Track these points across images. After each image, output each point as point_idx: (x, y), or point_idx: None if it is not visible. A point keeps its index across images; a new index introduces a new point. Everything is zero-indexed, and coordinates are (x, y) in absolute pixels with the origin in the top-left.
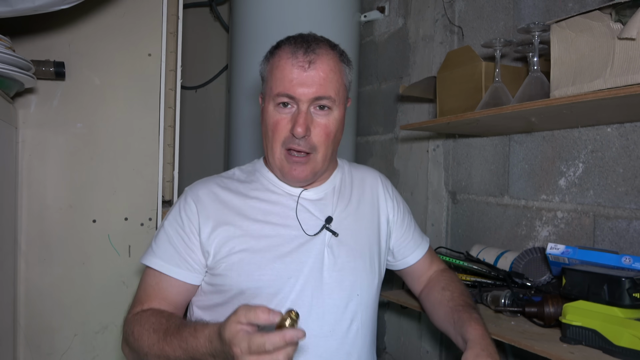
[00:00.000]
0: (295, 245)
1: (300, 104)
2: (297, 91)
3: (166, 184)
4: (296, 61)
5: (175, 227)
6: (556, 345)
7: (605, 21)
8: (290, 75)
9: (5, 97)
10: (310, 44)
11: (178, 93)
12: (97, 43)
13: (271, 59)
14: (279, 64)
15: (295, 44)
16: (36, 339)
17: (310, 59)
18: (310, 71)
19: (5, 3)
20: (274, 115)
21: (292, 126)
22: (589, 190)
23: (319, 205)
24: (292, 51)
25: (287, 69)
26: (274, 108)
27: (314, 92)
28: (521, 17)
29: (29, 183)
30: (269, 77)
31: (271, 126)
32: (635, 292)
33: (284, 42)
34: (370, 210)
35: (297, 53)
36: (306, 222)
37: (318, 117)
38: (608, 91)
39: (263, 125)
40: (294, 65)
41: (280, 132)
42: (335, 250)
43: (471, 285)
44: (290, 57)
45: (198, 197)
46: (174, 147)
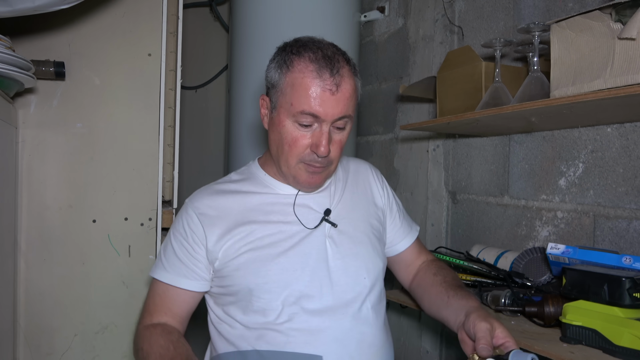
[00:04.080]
0: (297, 239)
1: (323, 123)
2: (324, 113)
3: (166, 184)
4: (323, 83)
5: (179, 240)
6: (556, 345)
7: (605, 21)
8: (318, 97)
9: (5, 97)
10: (334, 64)
11: (178, 93)
12: (97, 43)
13: (290, 73)
14: (303, 82)
15: (318, 61)
16: (36, 339)
17: (337, 82)
18: (337, 94)
19: (5, 3)
20: (292, 131)
21: (314, 145)
22: (589, 190)
23: (317, 199)
24: (317, 70)
25: (313, 89)
26: (293, 123)
27: (339, 113)
28: (521, 17)
29: (29, 183)
30: (288, 91)
31: (288, 141)
32: (636, 292)
33: (302, 55)
34: (364, 198)
35: (323, 74)
36: (305, 216)
37: (335, 134)
38: (608, 91)
39: (275, 135)
40: (321, 88)
41: (299, 149)
42: (336, 240)
43: (471, 285)
44: (316, 77)
45: (199, 208)
46: (174, 147)
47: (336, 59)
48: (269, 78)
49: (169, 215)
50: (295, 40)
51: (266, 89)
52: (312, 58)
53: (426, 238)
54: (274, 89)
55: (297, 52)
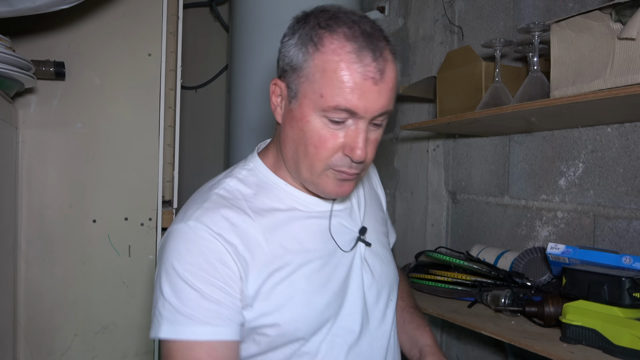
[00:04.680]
0: (338, 268)
1: (360, 120)
2: (363, 108)
3: (166, 184)
4: (364, 69)
5: (204, 277)
6: (556, 345)
7: (605, 21)
8: (357, 87)
9: (5, 97)
10: (377, 44)
11: (178, 93)
12: (97, 43)
13: (320, 54)
14: (339, 66)
15: (356, 39)
16: (36, 339)
17: (381, 68)
18: (380, 84)
19: (6, 3)
20: (320, 129)
21: (347, 147)
22: (589, 190)
23: (350, 215)
24: (355, 51)
25: (352, 77)
26: (321, 119)
27: (381, 109)
28: (521, 17)
29: (29, 183)
30: (318, 78)
31: (314, 142)
32: (636, 292)
33: (335, 31)
34: (377, 204)
35: (364, 56)
36: (340, 237)
37: (371, 132)
38: (608, 91)
39: (295, 132)
40: (362, 75)
41: (328, 152)
42: (370, 263)
43: (471, 285)
44: (355, 60)
45: (218, 232)
46: (174, 147)
47: (377, 36)
48: (286, 58)
49: (169, 215)
50: (321, 9)
51: (280, 71)
52: (349, 35)
53: (426, 238)
54: (294, 72)
55: (327, 27)
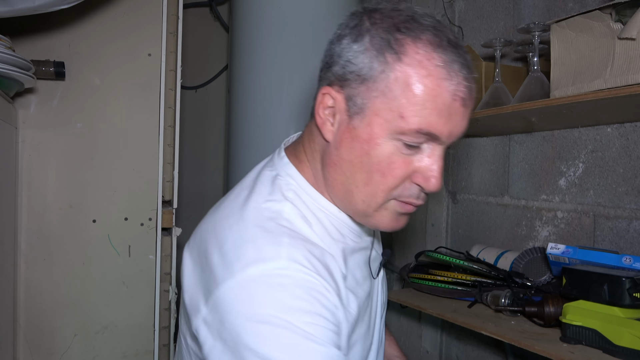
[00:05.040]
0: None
1: (438, 146)
2: (448, 133)
3: (166, 184)
4: (456, 88)
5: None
6: (556, 345)
7: (605, 21)
8: (446, 109)
9: (5, 97)
10: (465, 56)
11: (178, 93)
12: (97, 43)
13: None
14: (427, 82)
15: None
16: (36, 339)
17: (471, 86)
18: (468, 106)
19: (5, 3)
20: (392, 154)
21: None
22: (589, 190)
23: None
24: (447, 65)
25: (443, 98)
26: (394, 143)
27: (462, 132)
28: (521, 17)
29: (29, 183)
30: (398, 94)
31: (382, 168)
32: (636, 292)
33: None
34: None
35: (457, 73)
36: (373, 265)
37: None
38: (608, 91)
39: (355, 155)
40: (452, 95)
41: (397, 179)
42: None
43: (471, 285)
44: (446, 76)
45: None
46: (174, 147)
47: (463, 47)
48: (351, 65)
49: (169, 215)
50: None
51: (335, 78)
52: (436, 44)
53: (426, 238)
54: (363, 83)
55: (408, 31)
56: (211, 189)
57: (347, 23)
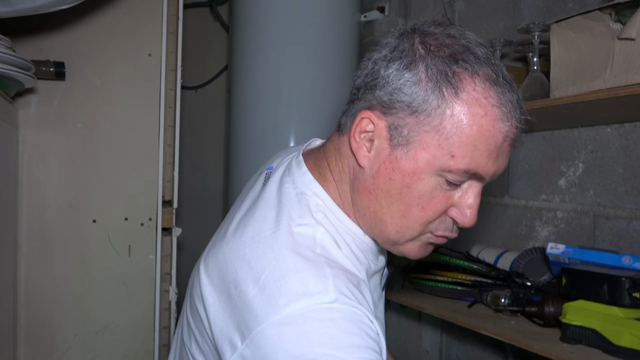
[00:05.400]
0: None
1: (479, 183)
2: (493, 173)
3: (166, 184)
4: (508, 130)
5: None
6: (556, 345)
7: (605, 21)
8: (495, 150)
9: (6, 97)
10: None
11: (178, 93)
12: (97, 43)
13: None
14: (482, 123)
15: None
16: (36, 339)
17: (523, 128)
18: (515, 145)
19: (6, 3)
20: (434, 189)
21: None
22: (589, 190)
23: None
24: (502, 105)
25: (495, 138)
26: (437, 179)
27: (502, 170)
28: (521, 17)
29: (29, 183)
30: (451, 133)
31: (423, 202)
32: (635, 292)
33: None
34: None
35: (512, 113)
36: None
37: None
38: (608, 91)
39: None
40: (504, 136)
41: (435, 214)
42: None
43: (471, 285)
44: (501, 117)
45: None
46: (174, 147)
47: (515, 83)
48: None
49: (169, 215)
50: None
51: (380, 104)
52: (493, 80)
53: None
54: (412, 115)
55: (465, 64)
56: (211, 189)
57: (397, 45)
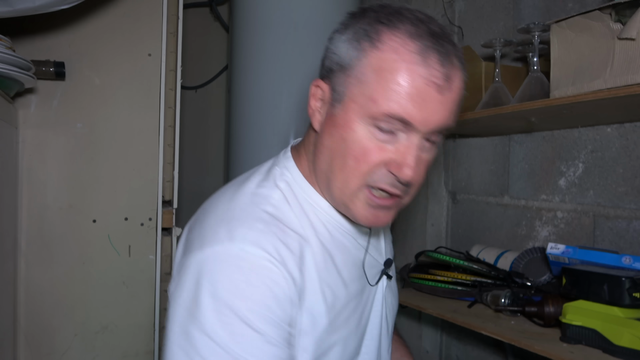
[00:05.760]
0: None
1: (413, 133)
2: (420, 119)
3: (166, 184)
4: (428, 72)
5: (267, 317)
6: (556, 345)
7: (605, 21)
8: (418, 93)
9: (6, 97)
10: (444, 42)
11: (178, 93)
12: (97, 43)
13: (377, 51)
14: (399, 67)
15: (421, 38)
16: (36, 339)
17: (448, 73)
18: (444, 92)
19: (5, 3)
20: (365, 138)
21: (394, 163)
22: (589, 190)
23: (377, 246)
24: (420, 51)
25: (413, 81)
26: (368, 128)
27: (440, 122)
28: (521, 17)
29: (29, 183)
30: (371, 79)
31: (356, 153)
32: (636, 292)
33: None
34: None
35: (430, 57)
36: (370, 271)
37: (423, 152)
38: (608, 91)
39: (334, 141)
40: (425, 79)
41: (370, 165)
42: (387, 297)
43: (471, 285)
44: (418, 61)
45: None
46: (174, 147)
47: (446, 38)
48: (335, 55)
49: (169, 215)
50: (381, 4)
51: (325, 71)
52: (413, 33)
53: (426, 238)
54: (343, 72)
55: (388, 22)
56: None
57: (343, 21)
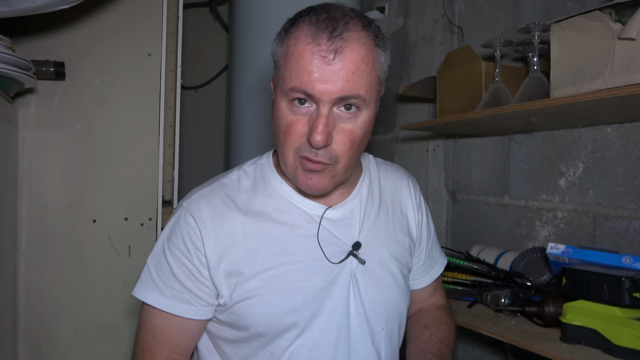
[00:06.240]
0: (318, 278)
1: (320, 104)
2: (317, 89)
3: (166, 184)
4: (317, 48)
5: (178, 257)
6: (556, 345)
7: (605, 21)
8: (309, 66)
9: (6, 97)
10: (337, 24)
11: (178, 93)
12: (97, 43)
13: (286, 39)
14: (296, 49)
15: (318, 24)
16: (36, 339)
17: (337, 47)
18: (335, 64)
19: (5, 3)
20: (286, 114)
21: (309, 132)
22: (589, 190)
23: (344, 226)
24: (312, 34)
25: (305, 57)
26: (287, 105)
27: (339, 91)
28: (521, 17)
29: (29, 183)
30: (282, 64)
31: (283, 127)
32: (636, 292)
33: (303, 18)
34: (399, 225)
35: (320, 37)
36: (329, 247)
37: (343, 121)
38: (608, 91)
39: (274, 122)
40: (315, 54)
41: (294, 136)
42: (360, 281)
43: (471, 285)
44: (310, 41)
45: (200, 217)
46: (174, 147)
47: (344, 20)
48: (271, 55)
49: (169, 215)
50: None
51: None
52: (312, 21)
53: None
54: (275, 67)
55: (300, 17)
56: None
57: None
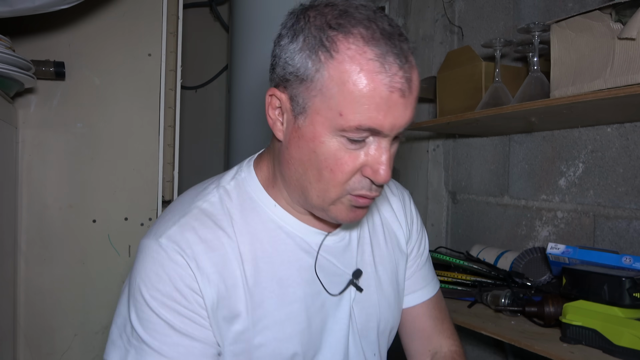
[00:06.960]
0: (320, 315)
1: (383, 139)
2: (390, 126)
3: (166, 184)
4: (391, 80)
5: (172, 307)
6: (556, 345)
7: (605, 21)
8: (384, 103)
9: (5, 97)
10: (400, 45)
11: (178, 93)
12: (97, 43)
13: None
14: (359, 77)
15: (378, 45)
16: (36, 339)
17: (409, 77)
18: (409, 96)
19: (5, 3)
20: (337, 151)
21: (368, 168)
22: (589, 190)
23: (343, 253)
24: (380, 58)
25: (377, 91)
26: (338, 140)
27: (406, 122)
28: (521, 17)
29: (29, 183)
30: (335, 93)
31: (330, 164)
32: (636, 292)
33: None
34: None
35: (390, 64)
36: (329, 278)
37: (391, 149)
38: (608, 91)
39: (303, 153)
40: (389, 88)
41: (346, 174)
42: (356, 310)
43: (471, 285)
44: (379, 70)
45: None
46: (174, 147)
47: (397, 36)
48: (289, 66)
49: None
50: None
51: (279, 79)
52: (367, 37)
53: None
54: (302, 84)
55: (339, 27)
56: None
57: (286, 23)
